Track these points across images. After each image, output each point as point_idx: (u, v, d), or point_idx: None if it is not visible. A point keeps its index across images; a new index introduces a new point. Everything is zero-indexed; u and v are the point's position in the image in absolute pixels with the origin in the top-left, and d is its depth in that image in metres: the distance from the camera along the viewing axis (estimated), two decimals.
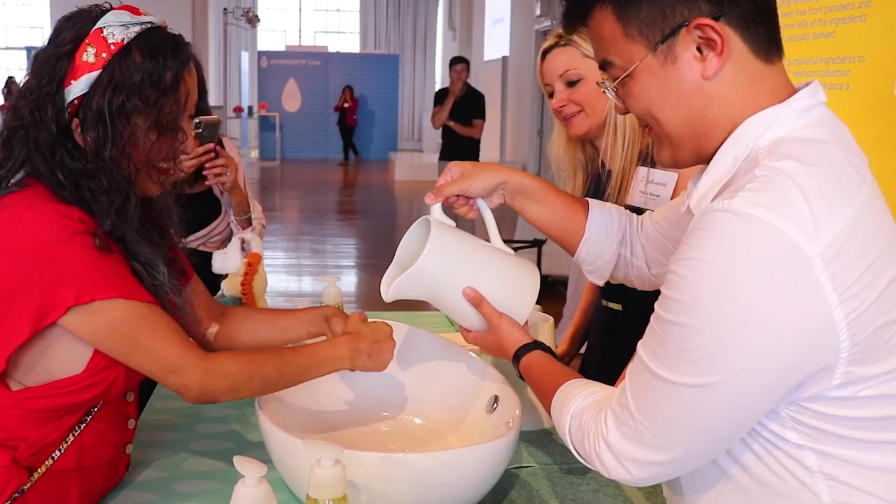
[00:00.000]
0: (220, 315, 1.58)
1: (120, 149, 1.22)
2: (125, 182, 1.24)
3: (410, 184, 14.50)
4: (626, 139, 1.82)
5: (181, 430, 1.66)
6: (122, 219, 1.23)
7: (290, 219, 11.39)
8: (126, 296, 1.22)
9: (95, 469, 1.34)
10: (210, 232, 2.64)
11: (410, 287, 1.32)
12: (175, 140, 1.28)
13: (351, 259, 8.62)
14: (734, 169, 0.99)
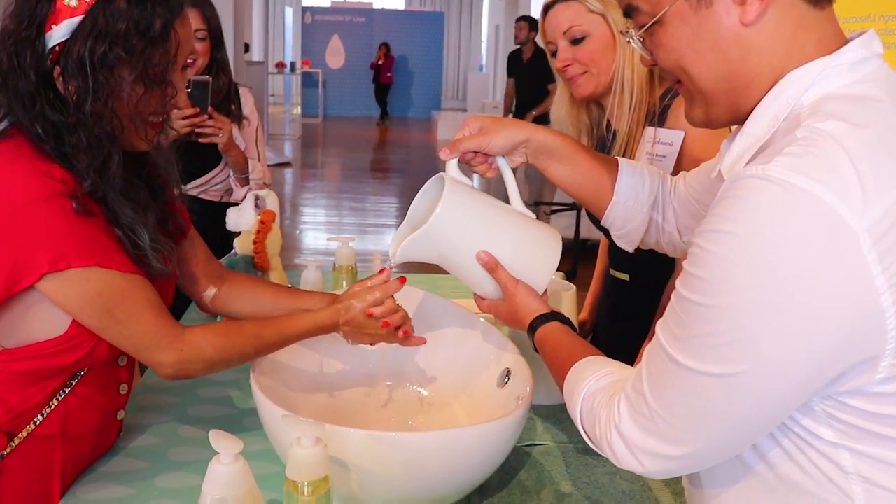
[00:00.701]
0: (219, 277, 1.50)
1: (102, 102, 1.13)
2: (107, 139, 1.14)
3: None
4: (634, 98, 1.72)
5: (181, 393, 1.59)
6: (104, 178, 1.14)
7: (330, 176, 11.34)
8: (104, 264, 1.14)
9: (82, 435, 1.27)
10: (210, 180, 2.59)
11: (420, 248, 1.23)
12: (164, 94, 1.19)
13: (391, 218, 8.54)
14: (773, 129, 0.87)
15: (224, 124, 2.44)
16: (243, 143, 2.62)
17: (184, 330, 1.23)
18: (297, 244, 7.27)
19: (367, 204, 9.09)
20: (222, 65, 2.56)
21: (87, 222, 1.12)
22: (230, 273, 1.52)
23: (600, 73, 1.71)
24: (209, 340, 1.24)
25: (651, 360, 0.88)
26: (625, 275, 1.89)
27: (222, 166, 2.59)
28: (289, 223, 8.14)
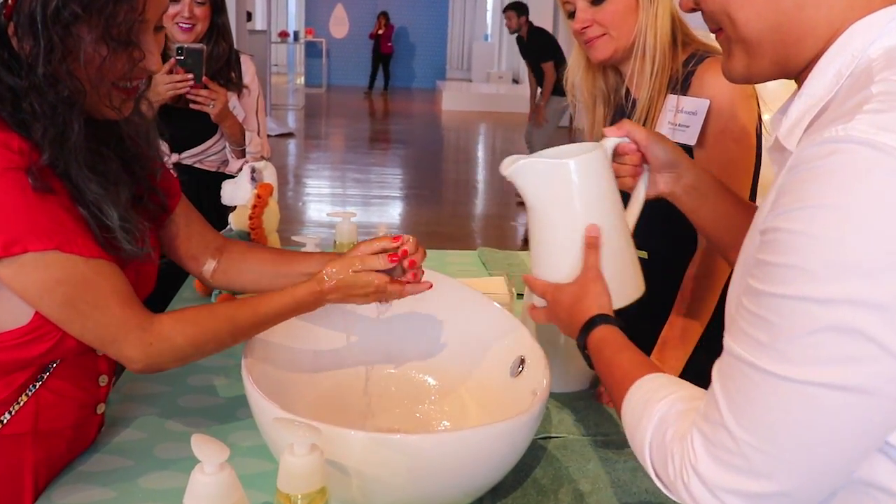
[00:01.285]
0: (218, 249, 1.38)
1: (57, 64, 1.00)
2: (64, 105, 1.01)
3: (458, 114, 14.18)
4: (656, 64, 1.60)
5: (169, 381, 1.48)
6: (63, 150, 1.02)
7: (334, 147, 11.21)
8: (65, 248, 1.02)
9: (57, 432, 1.16)
10: (206, 150, 2.47)
11: (536, 179, 1.10)
12: (131, 57, 1.05)
13: (395, 189, 8.42)
14: (836, 87, 0.76)
15: (219, 95, 2.33)
16: (242, 113, 2.51)
17: (152, 320, 1.11)
18: (300, 217, 7.15)
19: (371, 175, 8.96)
20: (223, 30, 2.44)
21: (46, 200, 1.00)
22: (229, 242, 1.40)
23: (620, 37, 1.59)
24: (179, 329, 1.12)
25: (728, 381, 0.74)
26: (643, 252, 1.77)
27: (218, 136, 2.48)
28: (292, 195, 8.03)
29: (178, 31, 2.34)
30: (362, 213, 7.35)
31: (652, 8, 1.56)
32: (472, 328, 1.39)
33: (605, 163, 1.13)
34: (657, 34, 1.57)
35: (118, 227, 1.07)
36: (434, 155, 10.51)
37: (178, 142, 2.44)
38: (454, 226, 6.85)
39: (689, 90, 1.56)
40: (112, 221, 1.06)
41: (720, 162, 1.56)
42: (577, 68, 1.73)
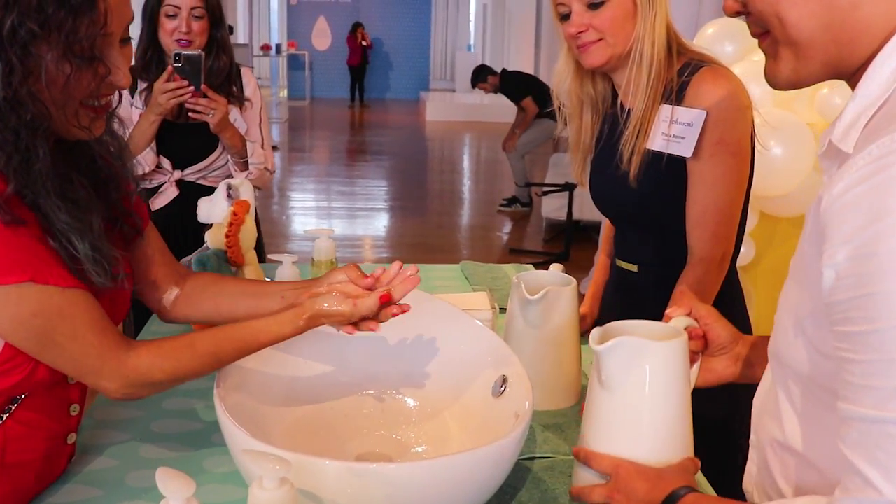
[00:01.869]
0: (182, 276, 1.35)
1: (17, 87, 0.95)
2: (26, 130, 0.97)
3: (442, 124, 14.18)
4: (653, 74, 1.56)
5: (143, 405, 1.44)
6: (28, 178, 0.98)
7: (318, 159, 11.18)
8: (39, 279, 0.98)
9: (25, 464, 1.12)
10: (209, 165, 2.43)
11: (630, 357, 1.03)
12: (96, 72, 1.01)
13: (380, 201, 8.39)
14: (892, 87, 0.74)
15: (219, 103, 2.29)
16: (244, 126, 2.46)
17: (129, 353, 1.08)
18: (284, 230, 7.11)
19: (355, 187, 8.94)
20: (222, 44, 2.41)
21: (17, 231, 0.97)
22: (191, 273, 1.37)
23: (616, 44, 1.56)
24: (158, 365, 1.09)
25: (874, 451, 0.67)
26: (633, 265, 1.74)
27: (221, 150, 2.43)
28: (277, 209, 7.99)
29: (178, 48, 2.30)
30: (348, 225, 7.32)
31: (650, 15, 1.54)
32: (452, 347, 1.36)
33: (685, 348, 1.08)
34: (654, 42, 1.55)
35: (89, 258, 1.03)
36: (419, 166, 10.50)
37: (181, 158, 2.41)
38: (440, 237, 6.83)
39: (684, 100, 1.54)
40: (81, 252, 1.02)
41: (715, 174, 1.54)
42: (566, 73, 1.70)
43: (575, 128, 1.76)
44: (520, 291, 1.45)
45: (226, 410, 1.06)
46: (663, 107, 1.57)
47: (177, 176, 2.40)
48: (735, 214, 1.58)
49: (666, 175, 1.58)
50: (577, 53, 1.62)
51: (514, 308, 1.49)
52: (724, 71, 1.57)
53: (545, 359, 1.46)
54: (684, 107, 1.55)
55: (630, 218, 1.71)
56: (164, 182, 2.43)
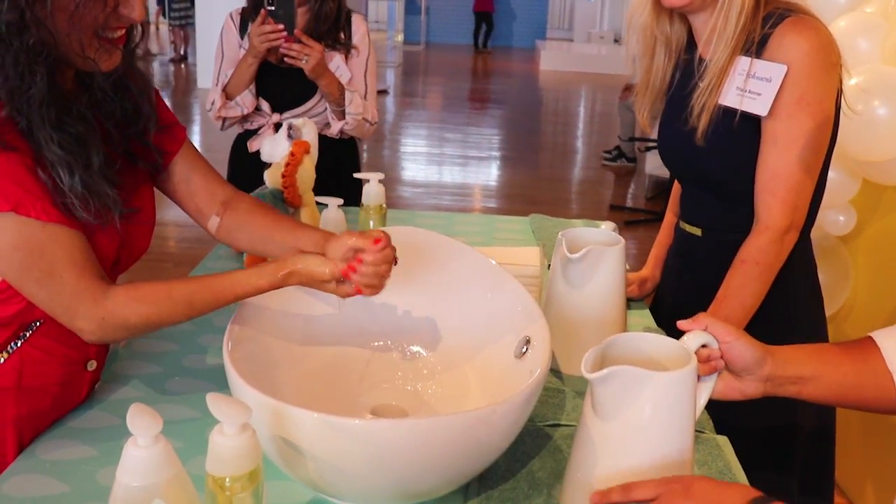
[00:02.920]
0: (224, 204, 1.32)
1: (23, 11, 0.94)
2: (27, 55, 0.96)
3: (556, 74, 13.90)
4: (739, 24, 1.42)
5: (181, 338, 1.46)
6: (25, 103, 0.97)
7: (430, 105, 11.16)
8: (21, 210, 0.98)
9: (41, 388, 1.15)
10: (307, 111, 2.40)
11: (620, 386, 0.93)
12: (105, 2, 0.99)
13: (490, 150, 8.32)
14: None
15: (313, 49, 2.24)
16: (349, 74, 2.40)
17: (107, 294, 1.07)
18: (396, 174, 7.15)
19: (466, 136, 8.87)
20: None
21: (8, 160, 0.97)
22: (235, 199, 1.34)
23: None
24: (133, 308, 1.08)
25: None
26: (696, 229, 1.64)
27: (320, 96, 2.38)
28: (388, 153, 8.04)
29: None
30: (459, 172, 7.30)
31: None
32: (483, 302, 1.31)
33: (694, 374, 0.98)
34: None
35: (77, 192, 1.02)
36: (530, 116, 10.33)
37: (280, 102, 2.40)
38: (545, 190, 6.73)
39: (765, 53, 1.41)
40: (66, 185, 1.01)
41: (790, 136, 1.41)
42: (643, 6, 1.56)
43: (645, 67, 1.63)
44: (561, 249, 1.38)
45: (231, 352, 1.04)
46: (741, 58, 1.44)
47: (275, 119, 2.39)
48: (808, 182, 1.45)
49: (737, 134, 1.46)
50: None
51: (555, 266, 1.42)
52: (812, 21, 1.42)
53: (585, 321, 1.39)
54: (764, 60, 1.42)
55: (697, 178, 1.60)
56: (264, 125, 2.42)
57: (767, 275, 1.46)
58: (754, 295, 1.46)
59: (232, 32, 2.46)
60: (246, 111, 2.38)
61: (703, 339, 1.04)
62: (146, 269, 4.35)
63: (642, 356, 1.02)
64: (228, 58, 2.44)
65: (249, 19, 2.37)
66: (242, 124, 2.46)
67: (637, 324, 1.64)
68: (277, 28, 2.22)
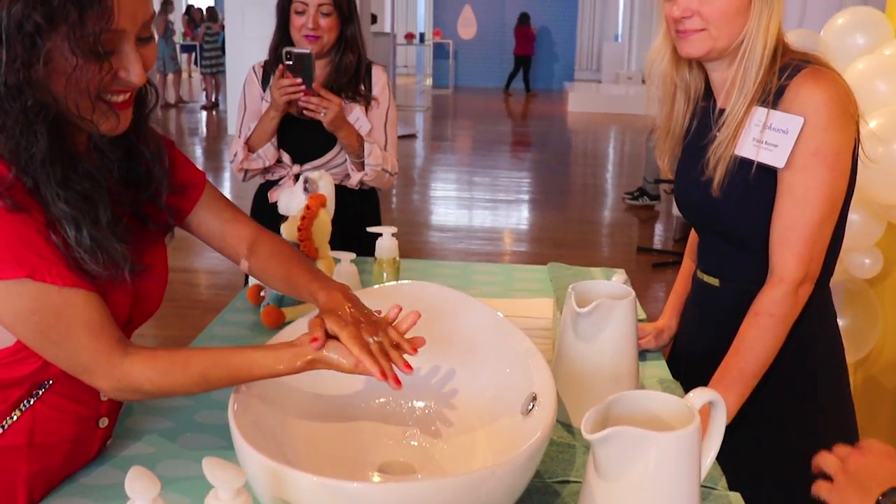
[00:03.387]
0: (250, 246, 1.37)
1: (21, 74, 0.97)
2: (27, 116, 0.99)
3: (585, 116, 13.94)
4: (759, 76, 1.43)
5: (194, 395, 1.47)
6: (29, 163, 1.00)
7: (460, 149, 11.23)
8: (36, 276, 1.01)
9: (53, 445, 1.16)
10: (327, 162, 2.43)
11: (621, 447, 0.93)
12: (108, 66, 1.02)
13: (521, 193, 8.34)
14: None
15: (331, 102, 2.28)
16: (368, 126, 2.42)
17: (124, 357, 1.09)
18: (425, 219, 7.19)
19: (496, 178, 8.90)
20: (351, 42, 2.40)
21: (19, 223, 0.99)
22: (258, 241, 1.38)
23: (720, 38, 1.44)
24: (147, 376, 1.10)
25: None
26: (714, 279, 1.63)
27: (340, 147, 2.41)
28: (418, 198, 8.09)
29: (305, 43, 2.33)
30: (490, 216, 7.32)
31: (766, 12, 1.41)
32: (491, 358, 1.31)
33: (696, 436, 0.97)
34: (766, 44, 1.42)
35: (85, 247, 1.04)
36: (558, 158, 10.35)
37: (300, 153, 2.43)
38: (572, 232, 6.72)
39: (781, 104, 1.41)
40: (72, 240, 1.03)
41: (806, 187, 1.41)
42: (662, 54, 1.58)
43: (666, 114, 1.64)
44: (570, 303, 1.38)
45: (235, 411, 1.05)
46: (757, 109, 1.44)
47: (296, 170, 2.41)
48: (824, 234, 1.44)
49: (754, 185, 1.46)
50: (674, 37, 1.50)
51: (566, 320, 1.42)
52: (829, 73, 1.43)
53: (596, 375, 1.39)
54: (781, 111, 1.42)
55: (713, 228, 1.60)
56: (285, 176, 2.45)
57: (782, 327, 1.44)
58: (769, 347, 1.45)
59: (254, 85, 2.51)
60: (268, 163, 2.42)
61: (708, 396, 1.03)
62: (176, 315, 4.42)
63: (646, 414, 1.01)
64: (251, 110, 2.49)
65: (271, 72, 2.42)
66: (264, 175, 2.50)
67: (652, 375, 1.63)
68: (296, 82, 2.26)
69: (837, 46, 2.64)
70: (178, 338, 4.11)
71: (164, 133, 1.29)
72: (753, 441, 1.53)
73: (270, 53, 2.48)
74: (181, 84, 14.18)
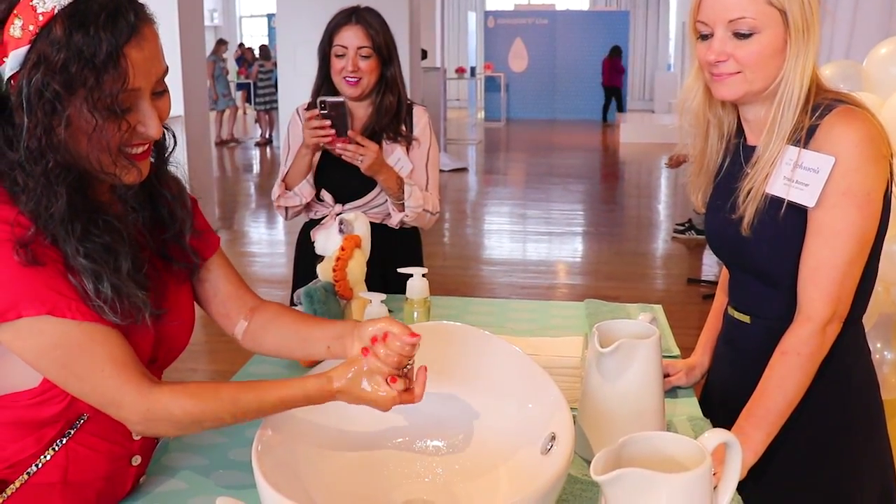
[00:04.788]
0: (252, 310, 1.40)
1: (42, 138, 1.04)
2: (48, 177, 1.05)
3: (637, 146, 13.86)
4: (795, 117, 1.42)
5: (228, 433, 1.51)
6: (49, 221, 1.06)
7: (512, 182, 11.26)
8: (56, 313, 1.06)
9: (86, 484, 1.21)
10: (369, 202, 2.46)
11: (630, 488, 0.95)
12: (125, 123, 1.08)
13: (571, 225, 8.32)
14: None
15: (368, 149, 2.31)
16: (410, 166, 2.46)
17: (152, 387, 1.13)
18: (478, 253, 7.22)
19: (547, 211, 8.89)
20: (391, 83, 2.45)
21: (41, 267, 1.05)
22: (262, 304, 1.41)
23: (755, 80, 1.43)
24: (179, 403, 1.13)
25: None
26: (745, 316, 1.61)
27: (381, 188, 2.44)
28: (470, 231, 8.13)
29: (346, 86, 2.38)
30: (545, 247, 7.33)
31: (803, 54, 1.40)
32: (514, 395, 1.33)
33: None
34: (802, 85, 1.41)
35: (105, 297, 1.08)
36: (610, 190, 10.31)
37: (342, 193, 2.47)
38: (627, 265, 6.67)
39: (812, 143, 1.41)
40: (91, 292, 1.08)
41: (835, 227, 1.40)
42: (695, 93, 1.57)
43: (700, 149, 1.63)
44: (593, 342, 1.39)
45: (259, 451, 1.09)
46: (788, 148, 1.44)
47: (337, 210, 2.45)
48: (853, 273, 1.43)
49: (784, 224, 1.45)
50: (708, 79, 1.49)
51: (590, 359, 1.43)
52: (861, 112, 1.42)
53: (620, 414, 1.39)
54: (812, 150, 1.41)
55: (744, 265, 1.59)
56: (327, 215, 2.49)
57: (809, 366, 1.43)
58: (797, 385, 1.43)
59: (297, 126, 2.55)
60: (305, 201, 2.46)
61: (722, 437, 1.03)
62: (227, 349, 4.50)
63: (660, 455, 1.02)
64: (293, 151, 2.54)
65: None
66: (307, 214, 2.55)
67: (682, 413, 1.62)
68: (324, 125, 2.28)
69: (880, 77, 2.62)
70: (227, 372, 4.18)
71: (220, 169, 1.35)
72: (783, 482, 1.51)
73: (313, 96, 2.53)
74: (235, 121, 14.54)
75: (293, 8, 9.50)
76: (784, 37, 1.40)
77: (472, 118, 16.29)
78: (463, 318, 2.11)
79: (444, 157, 10.32)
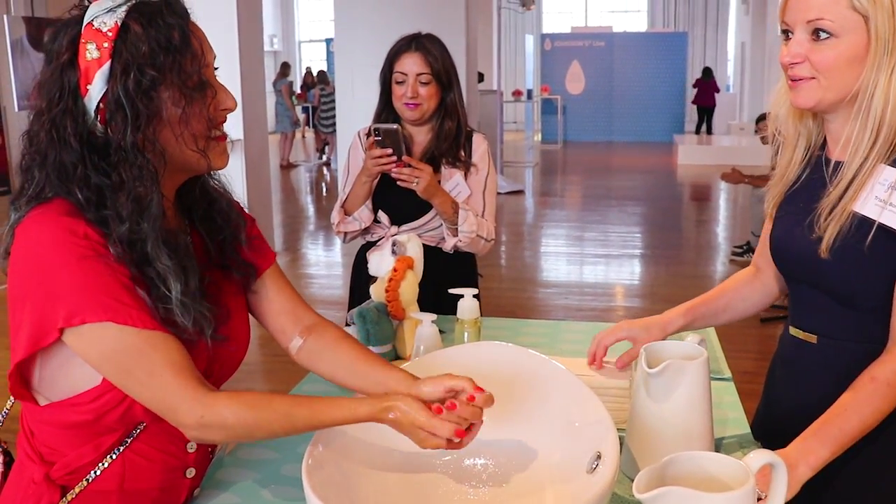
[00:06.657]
0: (308, 328, 1.43)
1: (143, 131, 1.13)
2: (142, 178, 1.13)
3: (695, 168, 13.72)
4: (882, 134, 1.35)
5: (281, 447, 1.55)
6: (140, 222, 1.13)
7: (569, 204, 11.24)
8: (119, 320, 1.11)
9: (142, 492, 1.26)
10: (424, 225, 2.50)
11: None
12: (206, 98, 1.18)
13: (628, 248, 8.26)
14: None
15: (423, 172, 2.35)
16: (468, 192, 2.50)
17: (209, 393, 1.17)
18: (530, 274, 7.22)
19: (605, 233, 8.84)
20: (451, 108, 2.49)
21: (107, 274, 1.11)
22: (321, 324, 1.44)
23: (830, 87, 1.36)
24: (233, 410, 1.17)
25: None
26: (811, 336, 1.52)
27: (436, 212, 2.48)
28: (527, 253, 8.14)
29: (406, 111, 2.43)
30: (602, 271, 7.29)
31: (886, 65, 1.31)
32: (562, 415, 1.34)
33: None
34: (889, 99, 1.33)
35: (178, 301, 1.15)
36: (667, 212, 10.21)
37: (398, 215, 2.51)
38: (685, 287, 6.58)
39: None
40: (173, 294, 1.15)
41: None
42: (785, 100, 1.49)
43: (786, 160, 1.56)
44: (641, 363, 1.40)
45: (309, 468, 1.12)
46: (885, 168, 1.36)
47: (393, 231, 2.49)
48: None
49: (871, 247, 1.36)
50: (788, 84, 1.43)
51: (637, 380, 1.43)
52: None
53: (668, 435, 1.39)
54: None
55: (816, 283, 1.49)
56: (384, 237, 2.52)
57: (895, 396, 1.35)
58: (878, 413, 1.35)
59: (358, 150, 2.59)
60: (363, 226, 2.50)
61: (767, 458, 1.03)
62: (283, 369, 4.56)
63: (703, 475, 1.02)
64: (354, 175, 2.56)
65: None
66: (364, 236, 2.59)
67: (733, 433, 1.60)
68: (386, 152, 2.34)
69: None
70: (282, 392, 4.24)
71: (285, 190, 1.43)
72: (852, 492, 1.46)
73: (374, 121, 2.58)
74: (294, 144, 14.84)
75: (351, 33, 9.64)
76: (866, 45, 1.32)
77: (529, 140, 16.30)
78: (515, 339, 2.12)
79: (500, 179, 10.35)
